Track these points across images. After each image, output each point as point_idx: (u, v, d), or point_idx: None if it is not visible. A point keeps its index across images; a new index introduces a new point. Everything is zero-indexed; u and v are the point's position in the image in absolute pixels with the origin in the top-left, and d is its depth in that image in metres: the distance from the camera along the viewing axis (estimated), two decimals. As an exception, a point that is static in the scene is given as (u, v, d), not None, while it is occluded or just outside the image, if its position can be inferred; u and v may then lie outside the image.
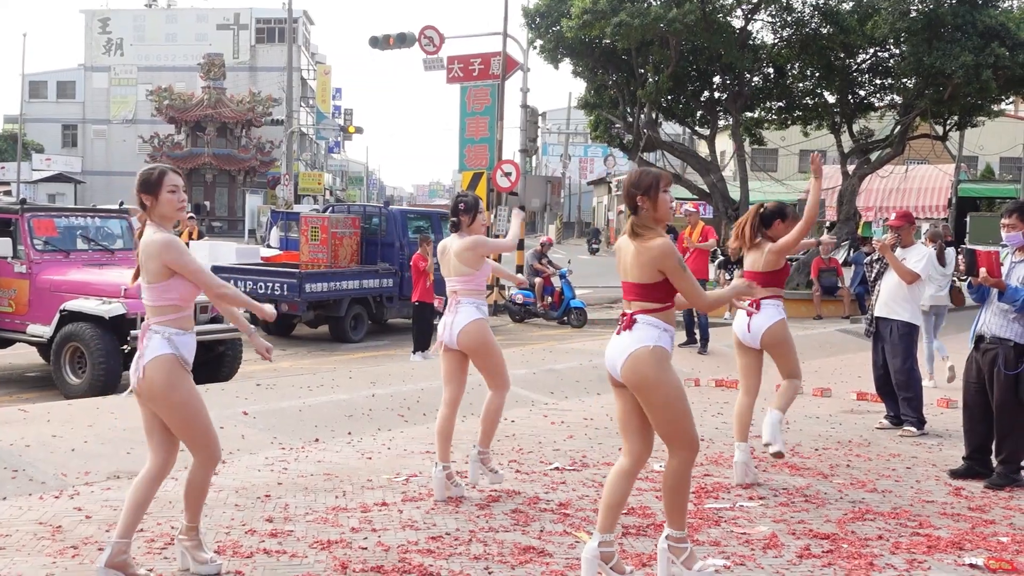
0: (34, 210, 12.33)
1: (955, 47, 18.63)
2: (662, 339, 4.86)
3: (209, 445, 5.01)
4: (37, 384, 12.12)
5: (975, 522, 6.25)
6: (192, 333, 5.02)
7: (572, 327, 19.13)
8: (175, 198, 4.96)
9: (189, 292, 4.94)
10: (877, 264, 9.44)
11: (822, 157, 8.36)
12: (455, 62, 23.50)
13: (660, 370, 4.79)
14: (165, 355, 4.87)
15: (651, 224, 4.91)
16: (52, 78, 72.97)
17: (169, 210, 4.96)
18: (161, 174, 4.98)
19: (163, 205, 4.93)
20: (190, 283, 4.90)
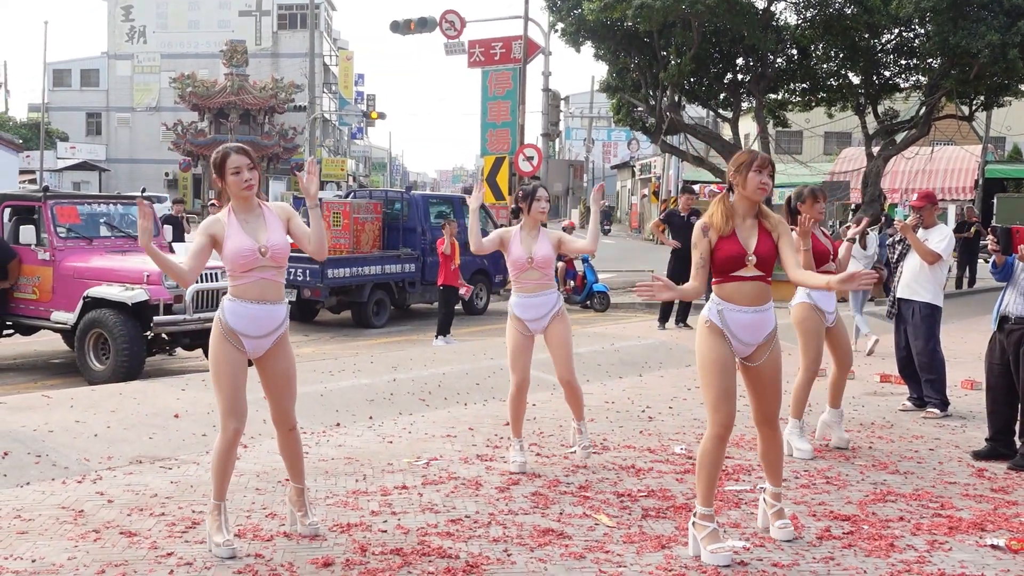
0: (57, 197, 12.39)
1: (980, 26, 18.44)
2: (709, 311, 5.25)
3: (223, 413, 5.19)
4: (62, 371, 12.21)
5: (998, 503, 6.21)
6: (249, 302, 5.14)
7: (595, 311, 19.10)
8: (239, 179, 5.11)
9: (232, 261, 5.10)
10: (899, 245, 9.36)
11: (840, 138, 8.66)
12: (476, 46, 23.52)
13: (699, 339, 5.26)
14: (216, 318, 5.19)
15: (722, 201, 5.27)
16: (76, 66, 73.26)
17: (236, 191, 5.12)
18: (224, 156, 5.14)
19: (230, 187, 5.14)
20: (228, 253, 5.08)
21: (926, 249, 8.88)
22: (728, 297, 5.19)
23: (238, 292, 5.14)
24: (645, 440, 7.93)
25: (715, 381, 5.14)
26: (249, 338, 5.16)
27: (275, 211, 5.28)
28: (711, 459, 5.18)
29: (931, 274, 9.00)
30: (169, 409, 8.21)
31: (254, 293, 5.14)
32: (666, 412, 9.05)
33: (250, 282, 5.12)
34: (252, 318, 5.13)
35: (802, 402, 7.58)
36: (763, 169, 5.14)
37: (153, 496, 6.15)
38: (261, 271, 5.14)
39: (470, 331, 16.21)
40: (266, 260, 5.13)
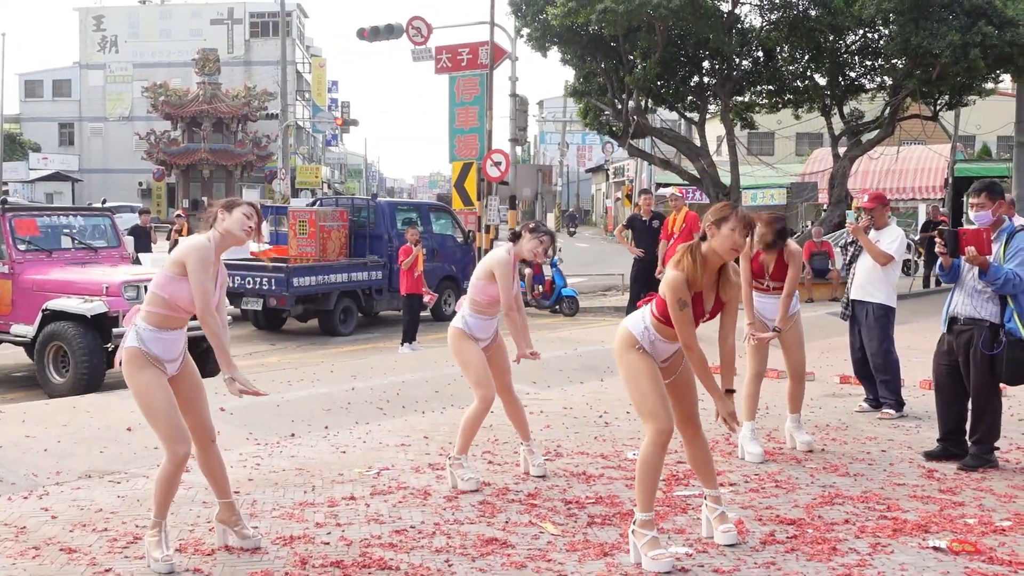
0: (15, 210, 12.30)
1: (942, 26, 18.56)
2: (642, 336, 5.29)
3: (168, 440, 5.11)
4: (23, 384, 12.12)
5: (944, 504, 6.24)
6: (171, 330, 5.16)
7: (564, 315, 19.11)
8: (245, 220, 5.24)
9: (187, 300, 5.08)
10: (851, 247, 9.41)
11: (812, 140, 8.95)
12: (443, 52, 23.48)
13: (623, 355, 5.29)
14: (131, 349, 5.13)
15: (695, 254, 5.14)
16: (48, 77, 72.91)
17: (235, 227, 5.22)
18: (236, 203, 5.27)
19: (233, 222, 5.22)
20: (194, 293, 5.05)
21: (878, 251, 8.93)
22: (667, 336, 5.25)
23: (164, 322, 5.12)
24: (599, 446, 7.93)
25: (651, 387, 5.19)
26: (169, 362, 5.18)
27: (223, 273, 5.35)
28: (652, 466, 5.19)
29: (884, 275, 9.04)
30: (122, 422, 8.15)
31: (179, 323, 5.18)
32: (623, 417, 9.05)
33: (179, 316, 5.15)
34: (172, 343, 5.17)
35: (752, 404, 7.61)
36: (746, 232, 5.07)
37: (98, 511, 6.10)
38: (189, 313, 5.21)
39: (438, 337, 16.15)
40: None
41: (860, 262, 9.23)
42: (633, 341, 5.28)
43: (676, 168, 24.49)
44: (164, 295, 5.08)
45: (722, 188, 22.24)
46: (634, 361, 5.24)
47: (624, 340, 5.32)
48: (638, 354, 5.24)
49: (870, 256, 8.98)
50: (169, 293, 5.07)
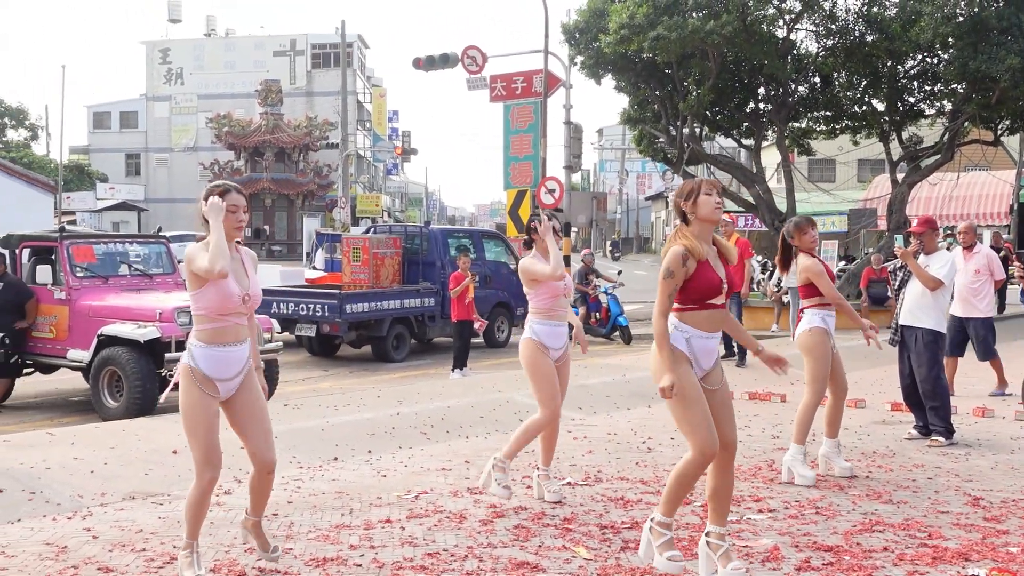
0: (73, 238, 12.58)
1: (1001, 50, 18.31)
2: (675, 338, 5.13)
3: (201, 463, 5.06)
4: (79, 408, 12.34)
5: (987, 532, 6.11)
6: (222, 346, 5.05)
7: (620, 344, 19.03)
8: (235, 218, 5.09)
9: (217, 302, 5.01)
10: (901, 272, 9.29)
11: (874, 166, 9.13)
12: (498, 80, 23.61)
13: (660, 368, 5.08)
14: (185, 366, 5.08)
15: (685, 231, 5.18)
16: (115, 109, 74.56)
17: (228, 228, 5.06)
18: (225, 191, 5.10)
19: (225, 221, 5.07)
20: (220, 293, 4.98)
21: (927, 276, 8.82)
22: (698, 325, 5.16)
23: (212, 337, 5.04)
24: (640, 471, 7.88)
25: (697, 407, 5.07)
26: (223, 381, 5.08)
27: (248, 257, 5.27)
28: (688, 481, 5.15)
29: (933, 300, 8.91)
30: (169, 445, 8.27)
31: (228, 337, 5.07)
32: (667, 443, 8.99)
33: (226, 326, 5.05)
34: (226, 361, 5.06)
35: (805, 427, 7.57)
36: (713, 190, 5.19)
37: (139, 532, 6.19)
38: (236, 316, 5.09)
39: (490, 364, 16.21)
40: (244, 307, 5.11)
41: (909, 287, 9.12)
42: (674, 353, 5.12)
43: (732, 195, 24.37)
44: (199, 309, 5.05)
45: (778, 215, 22.07)
46: (681, 377, 5.05)
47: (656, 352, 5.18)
48: (684, 368, 5.08)
49: (919, 281, 8.86)
50: (202, 304, 5.02)
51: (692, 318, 5.16)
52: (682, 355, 5.12)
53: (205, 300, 5.01)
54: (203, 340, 5.04)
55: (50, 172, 47.79)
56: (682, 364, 5.11)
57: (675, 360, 5.09)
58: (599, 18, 20.94)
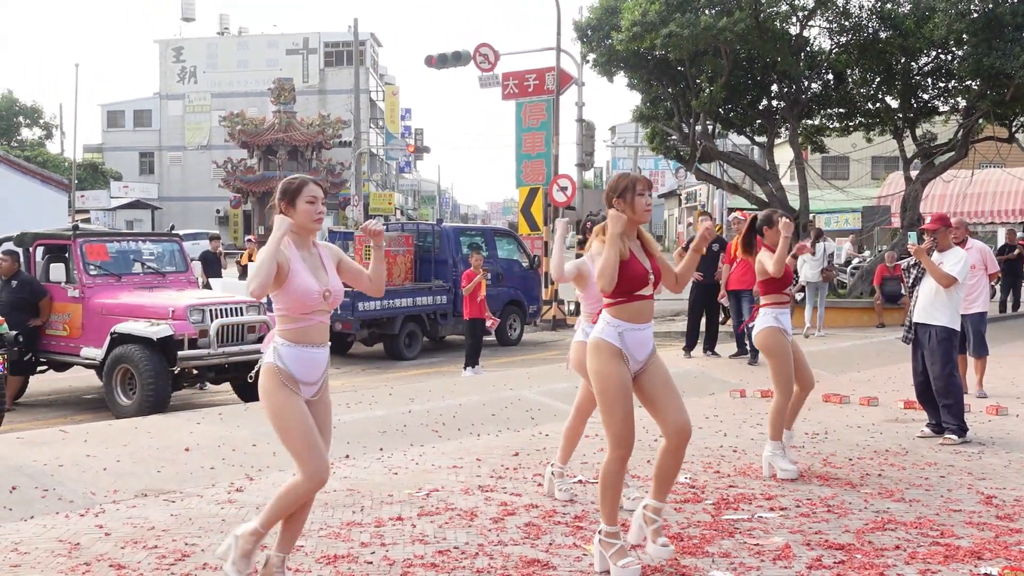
0: (86, 236, 12.62)
1: (1015, 46, 18.21)
2: (606, 332, 5.30)
3: (305, 462, 4.81)
4: (92, 406, 12.39)
5: (1000, 531, 6.08)
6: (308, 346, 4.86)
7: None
8: (313, 209, 4.92)
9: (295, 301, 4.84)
10: (914, 269, 9.26)
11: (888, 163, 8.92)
12: (510, 78, 23.66)
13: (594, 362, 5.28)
14: (269, 365, 4.85)
15: None
16: (129, 107, 74.81)
17: (305, 220, 4.91)
18: (301, 184, 4.96)
19: (300, 216, 4.91)
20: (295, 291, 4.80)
21: (941, 273, 8.79)
22: (629, 317, 5.31)
23: (297, 336, 4.85)
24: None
25: (621, 404, 5.21)
26: (306, 384, 4.88)
27: (327, 251, 5.10)
28: (615, 480, 5.31)
29: (947, 298, 8.89)
30: (180, 443, 8.30)
31: (314, 337, 4.90)
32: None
33: (310, 325, 4.88)
34: (311, 362, 4.87)
35: (779, 425, 7.61)
36: (647, 191, 5.34)
37: (151, 529, 6.21)
38: (320, 314, 4.92)
39: (502, 362, 16.22)
40: (326, 304, 4.92)
41: (923, 285, 9.09)
42: (599, 343, 5.29)
43: (745, 192, 24.34)
44: (280, 309, 4.87)
45: (791, 212, 22.00)
46: (609, 373, 5.22)
47: (592, 347, 5.33)
48: (613, 363, 5.22)
49: (933, 278, 8.84)
50: (281, 304, 4.86)
51: (623, 311, 5.31)
52: (616, 351, 5.26)
53: (284, 300, 4.85)
54: (289, 339, 4.85)
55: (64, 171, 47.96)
56: (613, 361, 5.25)
57: (607, 356, 5.25)
58: (611, 15, 20.91)
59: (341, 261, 5.12)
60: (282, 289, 4.82)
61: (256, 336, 12.11)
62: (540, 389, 11.32)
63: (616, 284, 5.23)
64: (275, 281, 4.79)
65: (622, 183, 5.35)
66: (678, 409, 5.34)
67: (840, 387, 12.25)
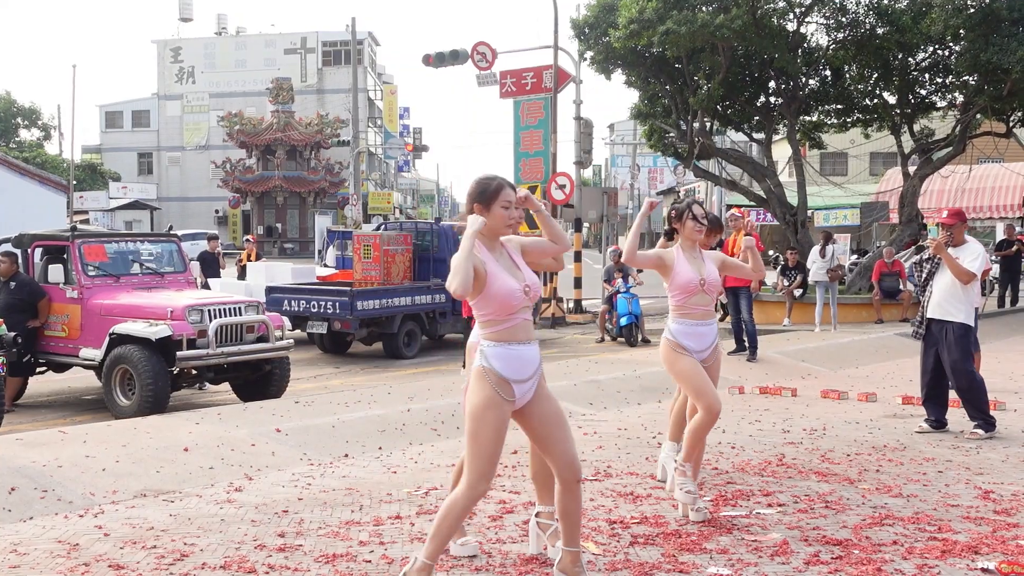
0: (84, 236, 12.62)
1: (1012, 41, 18.23)
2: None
3: (477, 473, 4.67)
4: (92, 407, 12.39)
5: (997, 525, 6.09)
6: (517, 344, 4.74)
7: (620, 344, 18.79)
8: (508, 215, 4.83)
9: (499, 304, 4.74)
10: (927, 264, 9.09)
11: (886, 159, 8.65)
12: (508, 76, 23.65)
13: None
14: (480, 368, 4.76)
15: None
16: (127, 108, 74.87)
17: (499, 224, 4.84)
18: (498, 187, 4.85)
19: (495, 219, 4.81)
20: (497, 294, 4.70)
21: (961, 268, 8.69)
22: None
23: (503, 336, 4.75)
24: (649, 467, 7.88)
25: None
26: (518, 382, 4.74)
27: (512, 246, 4.96)
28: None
29: (963, 294, 8.81)
30: (180, 443, 8.30)
31: (519, 335, 4.78)
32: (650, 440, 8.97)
33: (515, 324, 4.77)
34: (520, 360, 4.75)
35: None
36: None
37: (150, 529, 6.22)
38: (523, 311, 4.81)
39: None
40: (528, 299, 4.81)
41: (938, 280, 8.96)
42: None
43: (743, 189, 24.36)
44: (484, 316, 4.78)
45: (789, 208, 22.03)
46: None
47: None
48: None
49: (952, 274, 8.73)
50: (483, 311, 4.77)
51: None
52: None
53: (487, 305, 4.75)
54: (495, 340, 4.75)
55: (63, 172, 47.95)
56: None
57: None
58: (608, 13, 20.92)
59: (523, 248, 5.01)
60: (483, 294, 4.72)
61: (255, 336, 12.13)
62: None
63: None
64: (475, 287, 4.68)
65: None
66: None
67: (838, 383, 12.26)
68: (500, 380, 4.68)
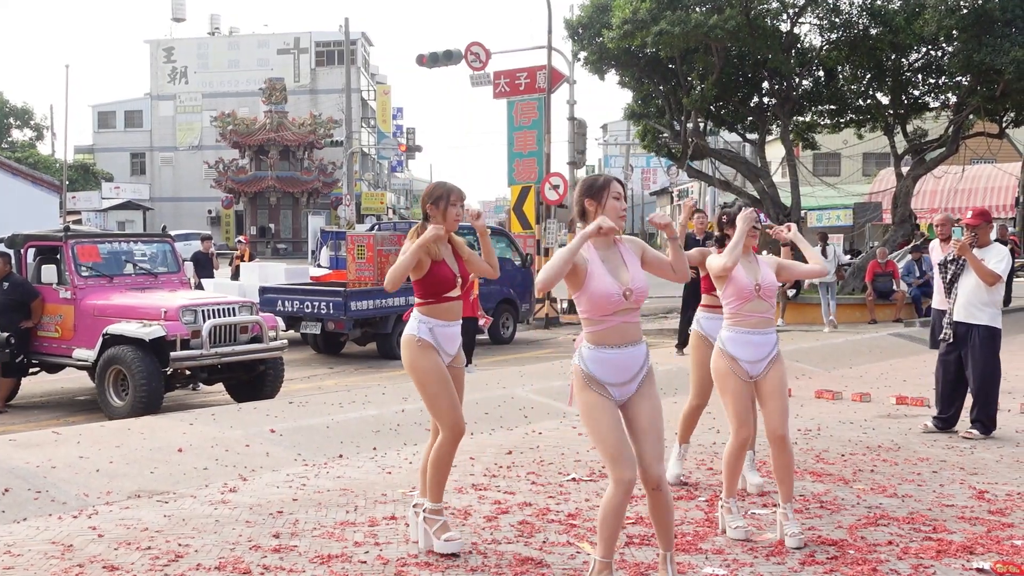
0: (77, 237, 12.58)
1: (1005, 42, 18.28)
2: (419, 329, 5.70)
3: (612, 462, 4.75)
4: (85, 408, 12.36)
5: (992, 525, 6.11)
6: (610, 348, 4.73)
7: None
8: (618, 205, 4.88)
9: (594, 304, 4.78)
10: (952, 266, 8.96)
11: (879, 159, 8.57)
12: (501, 77, 23.66)
13: (410, 357, 5.71)
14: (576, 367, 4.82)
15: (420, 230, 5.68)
16: (120, 108, 74.75)
17: (611, 215, 4.84)
18: (607, 181, 4.95)
19: (608, 211, 4.85)
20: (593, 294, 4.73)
21: (987, 270, 8.60)
22: (439, 315, 5.73)
23: (599, 338, 4.74)
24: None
25: (445, 392, 5.70)
26: (614, 386, 4.75)
27: (630, 247, 4.93)
28: (446, 461, 5.77)
29: (988, 296, 8.74)
30: (174, 444, 8.28)
31: (614, 338, 4.74)
32: (671, 438, 8.96)
33: (611, 326, 4.73)
34: (615, 364, 4.73)
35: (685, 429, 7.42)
36: (459, 202, 5.68)
37: (144, 530, 6.20)
38: (624, 314, 4.75)
39: (494, 360, 16.22)
40: (629, 303, 4.75)
41: (962, 282, 8.86)
42: (412, 338, 5.68)
43: (736, 189, 24.40)
44: (582, 312, 4.80)
45: (783, 209, 22.05)
46: (429, 366, 5.68)
47: (406, 343, 5.73)
48: (431, 357, 5.67)
49: (978, 275, 8.64)
50: (582, 308, 4.78)
51: (433, 310, 5.72)
52: (428, 344, 5.69)
53: (584, 303, 4.76)
54: (591, 342, 4.76)
55: (55, 172, 47.85)
56: (430, 353, 5.69)
57: (423, 349, 5.68)
58: (602, 13, 20.92)
59: (644, 253, 4.94)
60: (581, 292, 4.75)
61: (249, 337, 12.11)
62: (533, 387, 11.32)
63: (427, 286, 5.69)
64: (573, 284, 4.75)
65: (437, 191, 5.69)
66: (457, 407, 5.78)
67: (832, 383, 12.27)
68: (595, 381, 4.73)
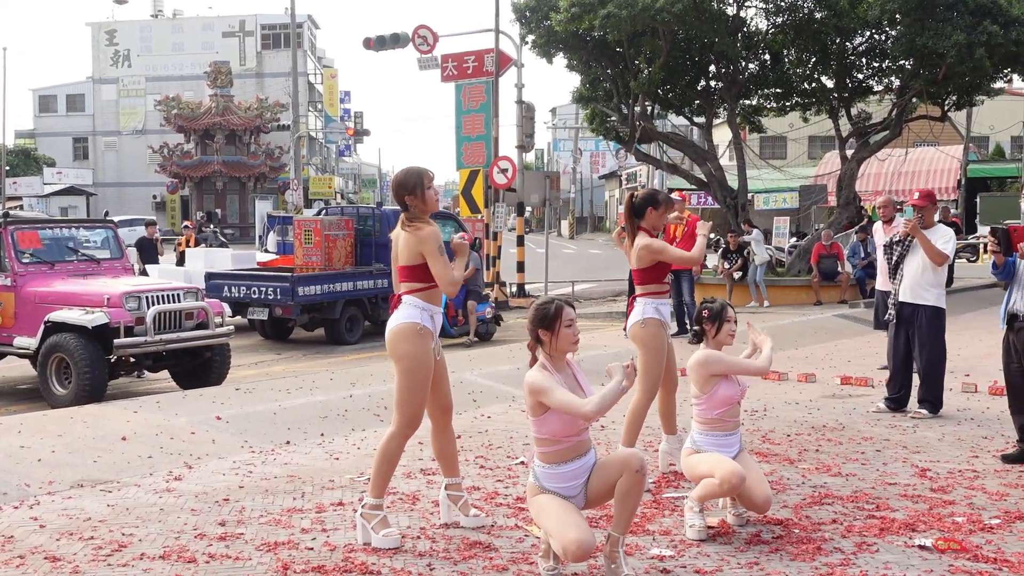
0: (17, 223, 12.36)
1: (947, 26, 18.44)
2: (422, 317, 5.61)
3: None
4: (27, 396, 12.17)
5: (934, 503, 6.20)
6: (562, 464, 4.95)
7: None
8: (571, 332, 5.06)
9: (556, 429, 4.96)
10: (898, 247, 9.06)
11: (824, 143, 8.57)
12: (449, 60, 23.58)
13: (409, 344, 5.57)
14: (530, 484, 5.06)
15: (421, 217, 5.63)
16: (61, 92, 73.53)
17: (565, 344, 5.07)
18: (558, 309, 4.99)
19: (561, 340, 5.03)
20: None
21: (936, 250, 8.68)
22: (434, 300, 5.73)
23: (554, 458, 4.93)
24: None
25: (426, 382, 5.68)
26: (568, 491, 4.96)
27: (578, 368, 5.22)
28: (395, 456, 5.74)
29: (934, 276, 8.85)
30: (117, 432, 8.17)
31: (570, 455, 4.95)
32: (620, 421, 8.98)
33: (568, 446, 4.94)
34: (570, 476, 4.95)
35: (636, 429, 6.97)
36: (431, 184, 5.74)
37: (87, 520, 6.11)
38: (580, 434, 4.96)
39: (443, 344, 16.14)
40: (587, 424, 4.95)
41: (908, 263, 8.96)
42: (415, 326, 5.57)
43: (684, 172, 24.49)
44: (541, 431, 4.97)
45: (730, 192, 22.17)
46: (421, 351, 5.58)
47: (407, 330, 5.59)
48: (425, 343, 5.58)
49: (927, 256, 8.72)
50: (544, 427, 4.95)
51: (429, 295, 5.68)
52: (429, 332, 5.63)
53: (544, 430, 4.93)
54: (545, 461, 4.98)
55: (-6, 157, 47.03)
56: (428, 341, 5.63)
57: (424, 337, 5.60)
58: (550, -4, 20.84)
59: None
60: (543, 418, 4.90)
61: (194, 323, 11.99)
62: (482, 371, 11.32)
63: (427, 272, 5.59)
64: (537, 411, 4.91)
65: (411, 178, 5.67)
66: (447, 388, 5.99)
67: (778, 364, 12.34)
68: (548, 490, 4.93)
